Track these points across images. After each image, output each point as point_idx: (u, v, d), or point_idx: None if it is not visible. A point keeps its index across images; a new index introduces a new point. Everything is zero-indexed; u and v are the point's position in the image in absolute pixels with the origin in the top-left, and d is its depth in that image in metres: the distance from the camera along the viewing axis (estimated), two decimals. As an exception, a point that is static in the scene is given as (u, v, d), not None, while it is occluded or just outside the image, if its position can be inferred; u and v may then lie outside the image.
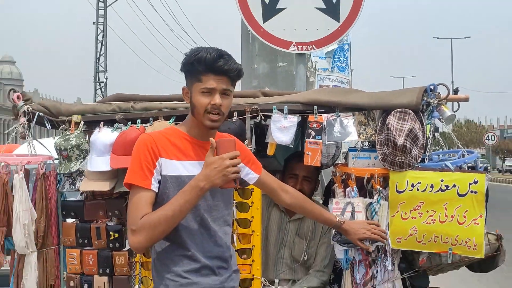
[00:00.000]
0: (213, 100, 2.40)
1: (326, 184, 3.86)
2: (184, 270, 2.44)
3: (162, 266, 2.49)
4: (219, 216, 2.53)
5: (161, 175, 2.43)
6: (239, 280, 2.98)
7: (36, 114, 3.33)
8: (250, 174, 2.72)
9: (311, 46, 4.23)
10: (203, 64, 2.40)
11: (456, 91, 3.20)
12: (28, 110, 3.33)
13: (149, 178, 2.40)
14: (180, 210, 2.33)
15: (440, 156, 3.38)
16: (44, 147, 3.57)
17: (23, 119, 3.32)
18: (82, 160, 3.23)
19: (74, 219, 3.36)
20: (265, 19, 4.19)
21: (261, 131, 3.37)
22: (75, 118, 3.31)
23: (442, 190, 2.98)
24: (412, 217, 3.01)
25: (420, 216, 3.00)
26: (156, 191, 2.42)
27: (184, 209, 2.33)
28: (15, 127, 3.37)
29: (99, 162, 3.13)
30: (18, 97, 3.35)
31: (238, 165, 2.33)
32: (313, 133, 3.14)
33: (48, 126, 3.41)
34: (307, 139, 3.15)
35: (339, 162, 3.55)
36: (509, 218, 16.64)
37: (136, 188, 2.41)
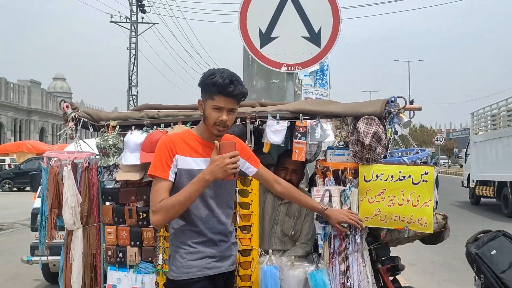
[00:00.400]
0: (222, 117, 2.42)
1: (310, 175, 3.86)
2: (193, 241, 2.48)
3: (177, 238, 2.52)
4: (222, 201, 2.56)
5: (177, 168, 2.45)
6: (240, 250, 3.00)
7: (82, 120, 3.33)
8: (250, 168, 2.72)
9: (298, 67, 4.23)
10: (216, 87, 2.41)
11: (411, 102, 3.19)
12: (75, 117, 3.33)
13: (167, 170, 2.42)
14: (190, 196, 2.36)
15: (399, 153, 3.38)
16: (88, 146, 3.57)
17: (71, 124, 3.32)
18: (117, 156, 3.23)
19: (111, 203, 3.36)
20: (262, 45, 4.19)
21: (258, 133, 3.36)
22: (112, 123, 3.31)
23: (400, 180, 2.98)
24: (377, 201, 3.01)
25: (383, 200, 3.00)
26: (173, 181, 2.45)
27: (193, 196, 2.37)
28: (65, 130, 3.37)
29: (131, 157, 3.14)
30: (67, 106, 3.36)
31: (237, 162, 2.35)
32: (299, 135, 3.14)
33: (91, 129, 3.41)
34: (294, 140, 3.15)
35: (320, 158, 3.55)
36: (450, 201, 16.68)
37: (157, 178, 2.44)
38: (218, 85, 2.40)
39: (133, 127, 3.25)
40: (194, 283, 2.46)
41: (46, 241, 3.33)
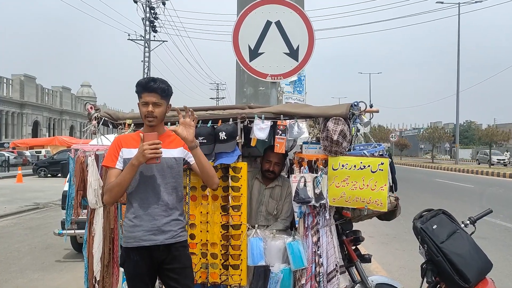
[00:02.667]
0: (147, 109, 2.45)
1: (289, 166, 3.85)
2: (133, 216, 2.47)
3: (125, 213, 2.54)
4: (166, 182, 2.49)
5: (123, 158, 2.47)
6: (232, 225, 2.96)
7: (103, 119, 3.29)
8: (191, 158, 2.61)
9: (280, 77, 4.21)
10: (140, 86, 2.47)
11: (371, 106, 3.18)
12: (97, 116, 3.29)
13: (114, 161, 2.47)
14: (124, 179, 2.36)
15: (360, 147, 3.38)
16: (108, 140, 3.53)
17: (94, 122, 3.28)
18: (132, 148, 3.19)
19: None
20: (251, 59, 4.17)
21: (247, 131, 3.34)
22: (128, 121, 3.28)
23: (361, 168, 2.99)
24: (342, 186, 3.02)
25: (347, 185, 3.01)
26: (120, 168, 2.45)
27: (126, 178, 2.36)
28: (89, 127, 3.32)
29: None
30: (91, 108, 3.31)
31: (158, 149, 2.30)
32: (280, 132, 3.13)
33: (111, 126, 3.37)
34: (276, 136, 3.14)
35: (297, 151, 3.54)
36: (404, 187, 16.80)
37: (108, 167, 2.50)
38: (141, 83, 2.47)
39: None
40: (133, 251, 2.45)
41: (73, 217, 3.29)
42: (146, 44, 34.28)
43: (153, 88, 2.44)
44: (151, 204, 2.45)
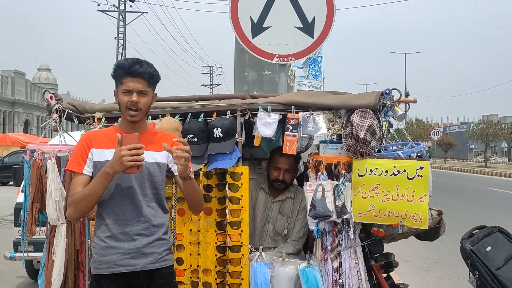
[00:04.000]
0: (131, 98, 2.42)
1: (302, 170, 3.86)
2: (105, 235, 2.45)
3: (94, 232, 2.52)
4: (146, 194, 2.48)
5: (93, 162, 2.45)
6: (229, 246, 2.96)
7: (66, 111, 3.30)
8: (175, 166, 2.52)
9: (290, 58, 4.22)
10: (123, 69, 2.44)
11: (407, 95, 3.19)
12: (59, 108, 3.30)
13: (82, 165, 2.44)
14: (95, 190, 2.34)
15: (394, 147, 3.38)
16: (72, 139, 3.54)
17: (55, 115, 3.29)
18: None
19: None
20: (253, 36, 4.18)
21: (249, 126, 3.35)
22: (98, 114, 3.29)
23: (395, 174, 2.98)
24: (370, 196, 3.01)
25: (377, 195, 3.00)
26: (89, 174, 2.44)
27: (97, 190, 2.34)
28: (49, 122, 3.34)
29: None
30: (51, 97, 3.33)
31: (139, 155, 2.26)
32: (290, 127, 3.14)
33: (76, 121, 3.38)
34: (286, 132, 3.15)
35: (312, 151, 3.55)
36: (449, 198, 16.78)
37: (73, 173, 2.47)
38: (124, 66, 2.44)
39: (120, 119, 3.22)
40: (105, 279, 2.43)
41: (26, 236, 3.30)
42: (121, 17, 34.39)
43: (139, 72, 2.42)
44: (129, 220, 2.44)
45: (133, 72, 2.42)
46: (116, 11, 34.32)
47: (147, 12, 35.17)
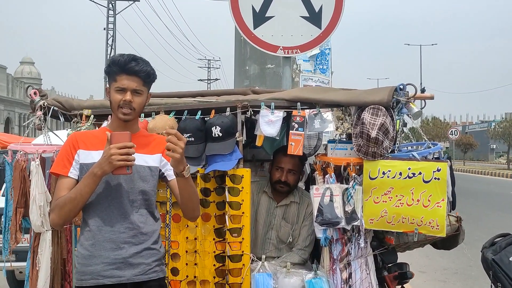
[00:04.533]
0: (124, 97, 2.44)
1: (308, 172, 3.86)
2: (89, 243, 2.46)
3: (79, 240, 2.54)
4: (135, 199, 2.49)
5: (79, 164, 2.47)
6: (229, 255, 2.97)
7: (51, 108, 3.31)
8: (169, 171, 2.57)
9: (296, 50, 4.22)
10: (117, 66, 2.46)
11: (422, 91, 3.20)
12: (44, 105, 3.30)
13: (67, 167, 2.47)
14: (81, 193, 2.36)
15: (408, 147, 3.38)
16: (58, 138, 3.54)
17: (39, 113, 3.29)
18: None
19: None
20: (255, 26, 4.18)
21: (251, 125, 3.36)
22: (86, 112, 3.29)
23: (409, 177, 2.99)
24: (383, 201, 3.02)
25: (390, 200, 3.01)
26: (75, 178, 2.47)
27: (84, 193, 2.37)
28: (32, 120, 3.34)
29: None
30: (35, 93, 3.33)
31: (130, 155, 2.29)
32: (296, 125, 3.14)
33: (62, 119, 3.39)
34: (291, 131, 3.15)
35: (320, 152, 3.55)
36: (468, 203, 16.76)
37: (58, 176, 2.51)
38: (119, 62, 2.46)
39: (109, 116, 3.23)
40: None
41: (10, 245, 3.30)
42: (111, 5, 34.44)
43: (135, 70, 2.45)
44: (116, 227, 2.45)
45: (129, 69, 2.45)
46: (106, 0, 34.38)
47: (139, 0, 35.16)
